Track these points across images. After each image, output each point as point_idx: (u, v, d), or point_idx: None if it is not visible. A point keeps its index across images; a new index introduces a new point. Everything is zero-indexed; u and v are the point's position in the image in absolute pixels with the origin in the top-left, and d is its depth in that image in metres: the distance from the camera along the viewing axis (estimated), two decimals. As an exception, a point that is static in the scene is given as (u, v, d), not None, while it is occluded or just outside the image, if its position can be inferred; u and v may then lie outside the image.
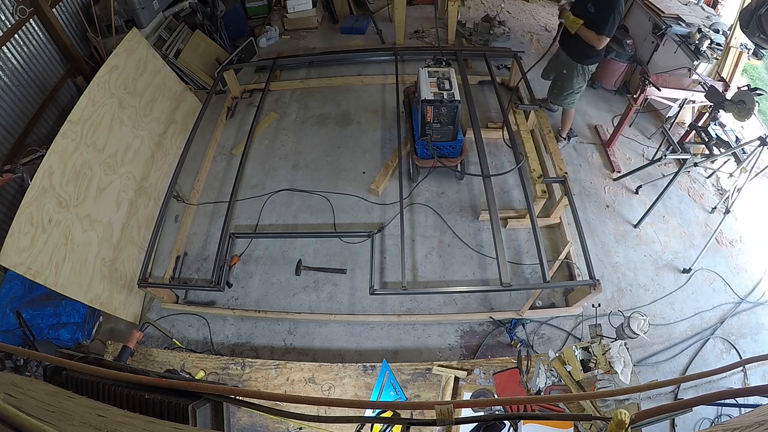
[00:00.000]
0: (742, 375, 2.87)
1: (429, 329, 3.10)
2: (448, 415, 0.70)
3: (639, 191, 3.85)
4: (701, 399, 0.73)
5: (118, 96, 3.50)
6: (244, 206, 3.80)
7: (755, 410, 0.81)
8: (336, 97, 4.71)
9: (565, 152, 4.06)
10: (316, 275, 3.36)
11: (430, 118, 3.33)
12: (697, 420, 2.66)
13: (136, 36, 3.80)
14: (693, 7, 4.43)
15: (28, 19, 3.71)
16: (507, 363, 2.36)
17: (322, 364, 2.44)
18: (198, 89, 4.72)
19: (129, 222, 3.41)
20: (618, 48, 4.41)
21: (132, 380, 0.90)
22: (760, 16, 3.00)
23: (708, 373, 0.98)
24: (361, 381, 2.37)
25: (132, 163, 3.57)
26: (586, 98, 4.72)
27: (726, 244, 3.55)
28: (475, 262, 3.38)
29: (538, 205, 3.38)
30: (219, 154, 4.27)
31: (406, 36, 5.33)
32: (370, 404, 1.14)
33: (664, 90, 3.64)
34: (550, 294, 3.25)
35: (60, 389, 0.90)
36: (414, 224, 3.61)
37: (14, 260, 2.45)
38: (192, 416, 0.87)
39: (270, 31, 5.49)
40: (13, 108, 3.67)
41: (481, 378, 2.33)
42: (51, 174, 2.80)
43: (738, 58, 3.88)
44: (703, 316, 3.16)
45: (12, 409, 0.51)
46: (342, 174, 3.99)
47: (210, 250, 3.52)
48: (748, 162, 3.20)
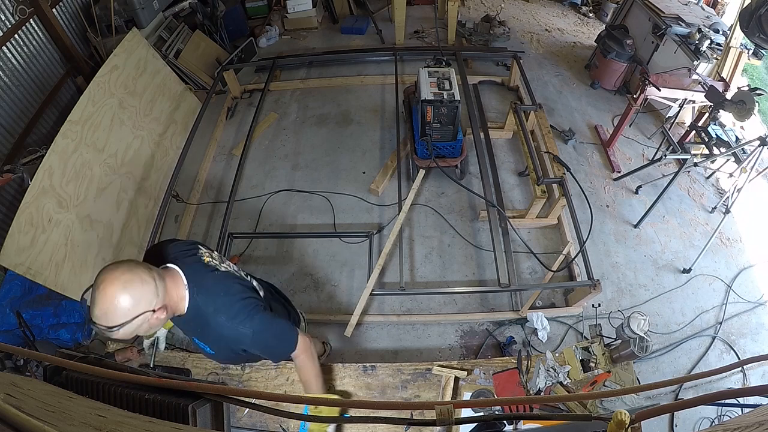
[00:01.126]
0: (742, 375, 2.87)
1: (429, 329, 3.10)
2: (448, 415, 0.70)
3: (639, 191, 3.85)
4: (701, 399, 0.73)
5: (118, 96, 3.50)
6: (244, 206, 3.80)
7: (755, 410, 0.81)
8: (336, 97, 4.71)
9: (564, 152, 4.06)
10: (316, 275, 3.36)
11: (430, 118, 3.33)
12: (697, 420, 2.66)
13: (136, 36, 3.80)
14: (693, 7, 4.43)
15: (28, 19, 3.71)
16: (507, 363, 2.35)
17: (322, 364, 2.44)
18: (198, 89, 4.72)
19: (129, 222, 3.41)
20: (618, 48, 4.41)
21: (132, 380, 0.90)
22: (760, 16, 3.00)
23: (708, 373, 0.98)
24: (361, 381, 2.36)
25: (132, 163, 3.57)
26: (586, 98, 4.73)
27: (726, 244, 3.55)
28: (474, 262, 3.38)
29: (537, 206, 3.38)
30: (219, 154, 4.27)
31: (406, 36, 5.33)
32: (369, 404, 1.14)
33: (664, 90, 3.64)
34: (550, 294, 3.25)
35: (60, 389, 0.90)
36: (414, 224, 3.61)
37: (14, 260, 2.45)
38: (192, 416, 0.87)
39: (270, 31, 5.49)
40: (13, 108, 3.67)
41: (481, 378, 2.33)
42: (51, 174, 2.80)
43: (738, 58, 3.88)
44: (703, 316, 3.16)
45: (12, 409, 0.51)
46: (342, 174, 3.99)
47: (210, 250, 3.52)
48: (748, 162, 3.20)
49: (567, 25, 5.84)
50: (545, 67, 5.08)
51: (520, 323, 3.08)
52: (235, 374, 2.43)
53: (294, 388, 2.37)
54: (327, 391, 1.94)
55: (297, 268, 3.43)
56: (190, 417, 0.86)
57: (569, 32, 5.71)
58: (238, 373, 2.43)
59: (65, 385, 0.96)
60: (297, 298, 3.27)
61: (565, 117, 4.48)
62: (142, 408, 0.89)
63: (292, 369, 2.42)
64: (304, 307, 3.21)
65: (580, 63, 5.14)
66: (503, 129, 4.12)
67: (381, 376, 2.36)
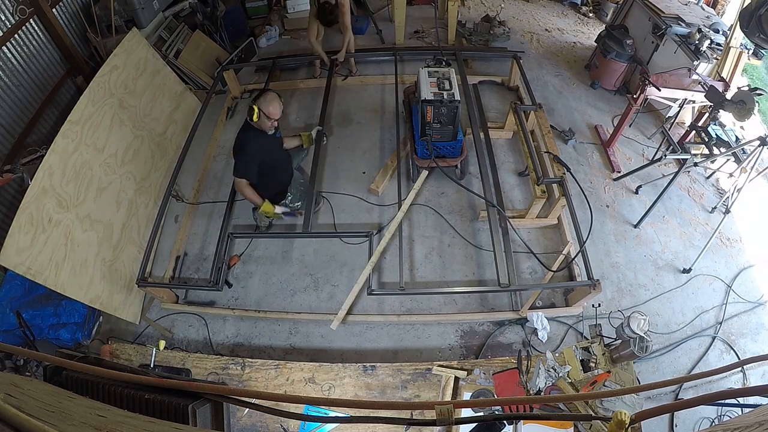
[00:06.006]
0: (742, 375, 2.87)
1: (429, 329, 3.10)
2: (448, 415, 0.70)
3: (639, 191, 3.85)
4: (701, 399, 0.73)
5: (118, 96, 3.50)
6: (244, 206, 3.79)
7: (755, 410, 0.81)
8: (336, 97, 4.71)
9: (564, 152, 4.06)
10: (316, 275, 3.37)
11: (430, 118, 3.33)
12: (697, 420, 2.66)
13: (136, 36, 3.80)
14: (693, 7, 4.43)
15: (28, 19, 3.71)
16: (507, 363, 2.36)
17: (322, 364, 2.44)
18: (198, 89, 4.71)
19: (129, 222, 3.41)
20: (618, 48, 4.41)
21: (132, 380, 0.90)
22: (760, 16, 3.00)
23: (708, 373, 0.98)
24: (361, 381, 2.36)
25: (132, 163, 3.57)
26: (586, 98, 4.73)
27: (726, 244, 3.55)
28: (474, 262, 3.38)
29: (537, 206, 3.38)
30: (219, 154, 4.27)
31: (406, 36, 5.32)
32: (369, 404, 1.14)
33: (664, 90, 3.64)
34: (550, 294, 3.25)
35: (60, 389, 0.90)
36: (414, 224, 3.61)
37: (14, 260, 2.45)
38: (192, 416, 0.87)
39: (270, 31, 5.49)
40: (13, 108, 3.67)
41: (481, 378, 2.33)
42: (51, 174, 2.79)
43: (738, 58, 3.88)
44: (703, 316, 3.16)
45: (12, 409, 0.51)
46: (342, 174, 3.99)
47: (210, 250, 3.52)
48: (748, 162, 3.21)
49: (567, 25, 5.84)
50: (545, 67, 5.08)
51: (520, 323, 3.08)
52: (235, 374, 2.43)
53: (294, 388, 2.37)
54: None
55: (297, 268, 3.43)
56: (190, 417, 0.86)
57: (569, 32, 5.71)
58: (238, 373, 2.43)
59: (65, 385, 0.96)
60: (297, 298, 3.27)
61: (565, 117, 4.48)
62: (142, 408, 0.89)
63: (292, 369, 2.42)
64: (304, 307, 3.22)
65: (580, 63, 5.14)
66: (503, 129, 4.12)
67: (381, 376, 2.37)
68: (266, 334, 3.13)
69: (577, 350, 2.15)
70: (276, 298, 3.28)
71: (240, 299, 3.30)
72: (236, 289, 3.35)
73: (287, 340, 3.09)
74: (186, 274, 3.46)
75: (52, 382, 0.98)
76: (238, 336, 3.14)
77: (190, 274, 3.46)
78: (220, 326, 3.19)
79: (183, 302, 3.33)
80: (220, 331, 3.17)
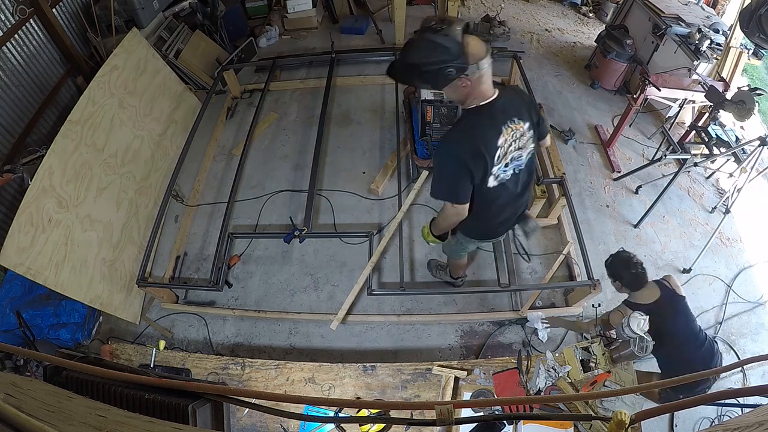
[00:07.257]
0: (742, 375, 2.87)
1: (429, 329, 3.11)
2: (448, 415, 0.70)
3: (639, 191, 3.85)
4: (701, 399, 0.73)
5: (118, 96, 3.50)
6: (244, 206, 3.80)
7: (755, 410, 0.81)
8: (336, 97, 4.71)
9: (564, 152, 4.06)
10: (316, 275, 3.37)
11: (430, 118, 3.33)
12: (697, 420, 2.66)
13: (136, 36, 3.80)
14: (693, 7, 4.43)
15: (28, 19, 3.71)
16: (507, 363, 2.36)
17: (322, 364, 2.44)
18: (198, 89, 4.72)
19: (129, 222, 3.41)
20: (618, 48, 4.41)
21: (132, 380, 0.90)
22: (760, 16, 3.00)
23: (708, 373, 0.98)
24: (361, 381, 2.36)
25: (132, 163, 3.57)
26: (586, 98, 4.73)
27: (726, 244, 3.55)
28: (474, 262, 3.38)
29: (537, 206, 3.38)
30: (219, 154, 4.27)
31: (406, 36, 5.31)
32: (369, 404, 1.14)
33: (664, 90, 3.64)
34: (550, 294, 3.25)
35: (60, 389, 0.90)
36: (414, 224, 3.61)
37: (14, 260, 2.45)
38: (192, 416, 0.87)
39: (270, 31, 5.49)
40: (13, 108, 3.67)
41: (481, 378, 2.33)
42: (51, 174, 2.79)
43: (738, 58, 3.88)
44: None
45: (12, 409, 0.51)
46: (342, 174, 3.99)
47: (210, 250, 3.52)
48: (748, 162, 3.20)
49: (567, 25, 5.84)
50: (545, 67, 5.08)
51: (520, 323, 3.08)
52: (235, 374, 2.43)
53: (294, 388, 2.37)
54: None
55: (297, 268, 3.43)
56: (190, 417, 0.86)
57: (569, 32, 5.71)
58: (238, 373, 2.43)
59: (65, 385, 0.96)
60: (297, 298, 3.27)
61: (565, 117, 4.48)
62: (142, 408, 0.89)
63: (292, 369, 2.42)
64: (304, 307, 3.22)
65: (580, 63, 5.14)
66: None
67: (381, 376, 2.37)
68: (266, 334, 3.13)
69: (577, 350, 2.15)
70: (276, 298, 3.28)
71: (240, 299, 3.30)
72: (236, 289, 3.35)
73: (287, 340, 3.10)
74: (186, 274, 3.46)
75: (52, 382, 0.98)
76: (238, 336, 3.14)
77: (190, 274, 3.46)
78: (220, 326, 3.19)
79: (183, 302, 3.33)
80: (220, 331, 3.17)
